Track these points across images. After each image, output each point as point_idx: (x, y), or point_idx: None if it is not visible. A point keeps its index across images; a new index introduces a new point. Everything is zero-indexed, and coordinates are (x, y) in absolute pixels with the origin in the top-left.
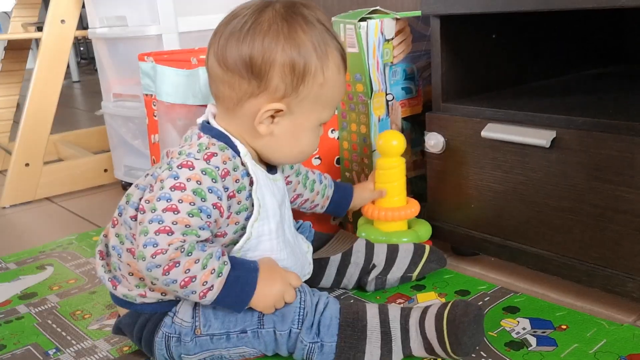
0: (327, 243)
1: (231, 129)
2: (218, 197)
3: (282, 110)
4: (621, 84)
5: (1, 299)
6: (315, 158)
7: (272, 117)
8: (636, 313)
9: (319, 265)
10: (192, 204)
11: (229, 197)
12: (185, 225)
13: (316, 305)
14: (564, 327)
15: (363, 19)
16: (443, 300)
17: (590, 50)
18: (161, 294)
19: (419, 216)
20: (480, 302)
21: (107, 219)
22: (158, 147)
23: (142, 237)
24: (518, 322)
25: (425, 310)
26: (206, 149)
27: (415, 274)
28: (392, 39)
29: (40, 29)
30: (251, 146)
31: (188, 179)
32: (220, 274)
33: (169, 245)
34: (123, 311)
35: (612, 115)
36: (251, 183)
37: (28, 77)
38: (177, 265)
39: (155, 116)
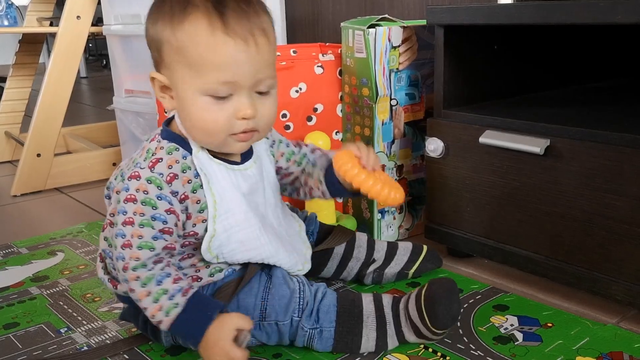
0: (330, 234)
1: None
2: (169, 202)
3: (164, 85)
4: (616, 97)
5: (14, 281)
6: None
7: (165, 90)
8: (619, 315)
9: (323, 258)
10: (141, 214)
11: (181, 200)
12: (138, 237)
13: (315, 294)
14: (549, 325)
15: (372, 26)
16: None
17: (589, 64)
18: None
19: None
20: (472, 300)
21: None
22: None
23: (114, 251)
24: (507, 319)
25: (409, 295)
26: (152, 155)
27: (411, 272)
28: (399, 46)
29: (53, 23)
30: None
31: (137, 190)
32: (168, 314)
33: (130, 258)
34: None
35: (604, 126)
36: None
37: (39, 72)
38: (132, 291)
39: (166, 112)
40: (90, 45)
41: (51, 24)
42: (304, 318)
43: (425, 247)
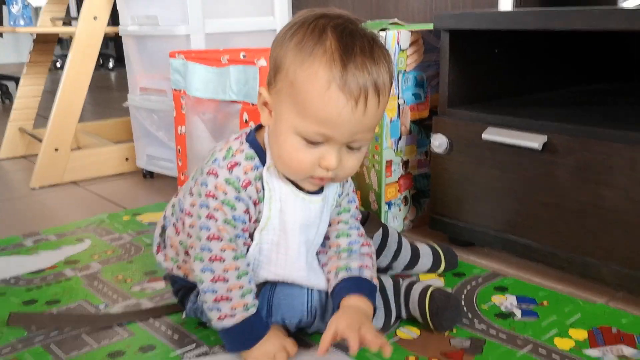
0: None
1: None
2: (246, 205)
3: (267, 103)
4: (608, 98)
5: (49, 264)
6: None
7: (266, 105)
8: (608, 295)
9: None
10: (225, 213)
11: (254, 204)
12: (226, 232)
13: (327, 297)
14: (545, 303)
15: (382, 30)
16: (442, 279)
17: (583, 67)
18: (184, 275)
19: None
20: (474, 282)
21: (132, 203)
22: (184, 138)
23: (197, 242)
24: (506, 298)
25: (407, 292)
26: (232, 156)
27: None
28: (407, 49)
29: (66, 23)
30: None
31: (216, 187)
32: (247, 310)
33: (222, 250)
34: None
35: (596, 124)
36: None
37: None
38: (226, 281)
39: (183, 109)
40: None
41: (65, 24)
42: (317, 321)
43: (443, 265)
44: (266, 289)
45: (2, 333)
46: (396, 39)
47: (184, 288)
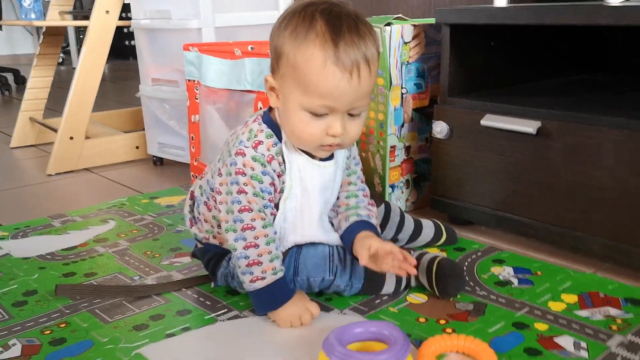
0: None
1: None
2: (271, 177)
3: (274, 87)
4: (598, 88)
5: (80, 242)
6: None
7: (273, 90)
8: (596, 266)
9: None
10: (254, 187)
11: (278, 176)
12: (255, 204)
13: (345, 254)
14: (539, 273)
15: (388, 24)
16: (445, 254)
17: (576, 59)
18: (219, 243)
19: None
20: (474, 256)
21: (144, 188)
22: (198, 126)
23: (230, 215)
24: (504, 269)
25: (417, 261)
26: (255, 136)
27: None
28: (410, 42)
29: (75, 17)
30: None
31: (244, 165)
32: (275, 274)
33: (252, 220)
34: None
35: (586, 110)
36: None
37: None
38: (257, 247)
39: (196, 99)
40: (82, 37)
41: (74, 18)
42: (338, 277)
43: (444, 236)
44: (292, 252)
45: (49, 301)
46: (400, 32)
47: (216, 256)
